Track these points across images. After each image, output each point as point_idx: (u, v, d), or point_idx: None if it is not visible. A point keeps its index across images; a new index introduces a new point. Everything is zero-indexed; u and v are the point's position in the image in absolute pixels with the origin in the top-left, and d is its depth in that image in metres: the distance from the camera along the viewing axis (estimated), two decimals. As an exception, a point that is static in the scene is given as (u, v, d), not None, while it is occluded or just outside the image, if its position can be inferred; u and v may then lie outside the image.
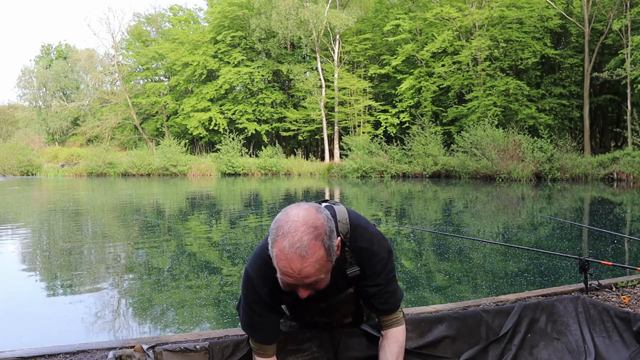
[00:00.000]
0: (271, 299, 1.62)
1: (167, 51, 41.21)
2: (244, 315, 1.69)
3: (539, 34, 30.38)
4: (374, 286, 1.68)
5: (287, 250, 1.39)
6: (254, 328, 1.67)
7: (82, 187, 23.47)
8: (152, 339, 2.42)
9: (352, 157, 30.50)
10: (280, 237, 1.41)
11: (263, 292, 1.60)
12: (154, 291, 5.02)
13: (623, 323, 1.97)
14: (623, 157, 23.29)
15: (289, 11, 34.93)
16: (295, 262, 1.39)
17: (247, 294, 1.64)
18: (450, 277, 5.38)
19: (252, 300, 1.63)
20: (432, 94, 32.57)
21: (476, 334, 1.98)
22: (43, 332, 3.82)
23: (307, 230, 1.40)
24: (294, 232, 1.39)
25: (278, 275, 1.45)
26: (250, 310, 1.64)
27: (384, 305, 1.71)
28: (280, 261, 1.41)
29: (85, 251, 7.25)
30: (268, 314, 1.65)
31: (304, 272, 1.40)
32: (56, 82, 56.79)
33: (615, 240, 7.44)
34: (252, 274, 1.62)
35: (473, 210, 12.69)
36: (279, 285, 1.54)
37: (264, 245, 1.60)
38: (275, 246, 1.42)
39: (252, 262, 1.64)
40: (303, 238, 1.39)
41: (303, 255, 1.38)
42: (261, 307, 1.63)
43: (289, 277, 1.42)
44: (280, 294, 1.61)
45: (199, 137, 41.45)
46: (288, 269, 1.40)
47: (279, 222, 1.44)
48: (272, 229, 1.45)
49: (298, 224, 1.41)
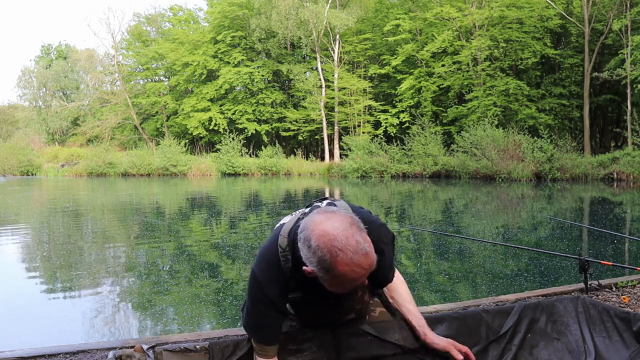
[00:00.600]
0: (278, 299, 1.63)
1: (167, 51, 41.22)
2: (248, 316, 1.68)
3: (539, 34, 30.38)
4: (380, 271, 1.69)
5: (355, 259, 1.38)
6: (258, 329, 1.67)
7: (82, 187, 23.47)
8: (152, 339, 2.42)
9: (352, 157, 30.50)
10: (337, 256, 1.38)
11: (271, 292, 1.60)
12: (154, 291, 5.02)
13: (623, 323, 1.97)
14: (623, 157, 23.29)
15: (289, 11, 34.92)
16: (364, 262, 1.40)
17: (253, 295, 1.64)
18: (450, 277, 5.38)
19: (259, 301, 1.63)
20: (432, 94, 32.58)
21: (476, 334, 1.98)
22: (43, 332, 3.82)
23: (352, 230, 1.41)
24: (346, 241, 1.38)
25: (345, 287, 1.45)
26: (257, 310, 1.64)
27: (386, 280, 1.77)
28: (350, 273, 1.40)
29: (85, 251, 7.25)
30: (274, 315, 1.65)
31: (370, 264, 1.42)
32: (56, 82, 56.79)
33: (615, 240, 7.44)
34: (259, 275, 1.61)
35: (473, 210, 12.69)
36: (286, 285, 1.56)
37: (269, 247, 1.62)
38: (335, 268, 1.39)
39: (258, 263, 1.64)
40: (357, 238, 1.40)
41: (366, 253, 1.40)
42: (267, 307, 1.63)
43: (362, 277, 1.43)
44: (287, 293, 1.62)
45: (199, 137, 41.45)
46: (360, 272, 1.40)
47: (322, 246, 1.39)
48: (318, 258, 1.40)
49: (343, 231, 1.40)
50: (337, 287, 1.47)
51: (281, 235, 1.61)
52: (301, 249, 1.45)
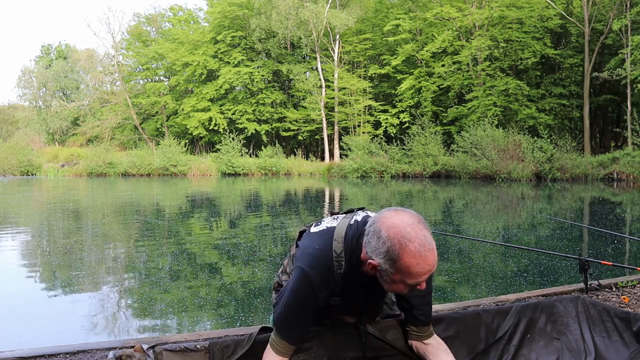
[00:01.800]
0: (324, 302, 1.64)
1: (167, 51, 41.22)
2: (287, 313, 1.65)
3: (539, 34, 30.38)
4: (418, 297, 1.73)
5: (422, 252, 1.44)
6: (292, 327, 1.65)
7: (82, 187, 23.47)
8: (152, 338, 2.42)
9: (352, 157, 30.50)
10: (406, 247, 1.45)
11: (322, 295, 1.61)
12: (154, 291, 5.02)
13: (623, 323, 1.97)
14: (623, 157, 23.29)
15: (289, 11, 34.92)
16: (430, 257, 1.46)
17: (302, 294, 1.61)
18: (450, 277, 5.38)
19: (306, 301, 1.62)
20: (432, 94, 32.57)
21: (476, 334, 1.98)
22: (43, 332, 3.82)
23: (420, 226, 1.48)
24: (416, 234, 1.46)
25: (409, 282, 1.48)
26: (299, 310, 1.63)
27: (424, 316, 1.76)
28: (416, 266, 1.45)
29: (86, 251, 7.25)
30: (311, 317, 1.66)
31: (435, 261, 1.48)
32: (56, 82, 56.79)
33: (615, 240, 7.44)
34: (314, 276, 1.59)
35: (473, 210, 12.69)
36: (333, 290, 1.62)
37: (323, 249, 1.62)
38: (403, 258, 1.45)
39: (313, 265, 1.61)
40: (425, 234, 1.47)
41: (432, 247, 1.47)
42: (310, 308, 1.63)
43: (426, 274, 1.48)
44: (330, 297, 1.65)
45: (199, 137, 41.45)
46: (425, 267, 1.46)
47: (392, 236, 1.46)
48: (387, 248, 1.47)
49: (413, 226, 1.47)
50: (397, 283, 1.51)
51: (335, 240, 1.63)
52: (369, 242, 1.51)
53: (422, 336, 1.79)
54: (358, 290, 1.66)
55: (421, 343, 1.79)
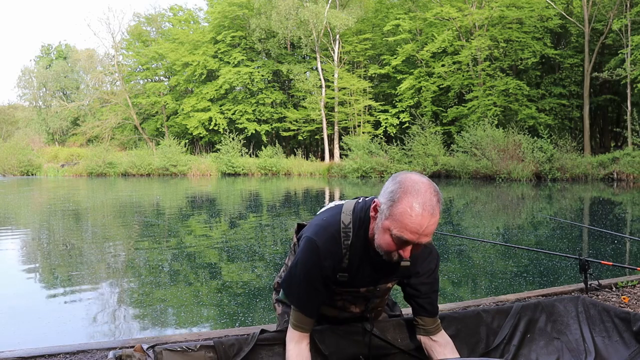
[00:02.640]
0: (331, 272, 1.62)
1: (167, 51, 41.22)
2: (295, 284, 1.66)
3: (539, 34, 30.38)
4: (426, 284, 1.72)
5: (418, 208, 1.43)
6: (306, 300, 1.65)
7: (82, 187, 23.47)
8: (152, 338, 2.42)
9: (352, 157, 30.50)
10: (410, 194, 1.44)
11: (328, 264, 1.60)
12: (154, 291, 5.02)
13: (623, 323, 1.97)
14: (623, 157, 23.29)
15: (289, 11, 34.92)
16: (426, 219, 1.43)
17: (308, 264, 1.61)
18: (450, 277, 5.38)
19: (313, 270, 1.61)
20: (432, 94, 32.57)
21: (476, 334, 1.98)
22: (43, 332, 3.82)
23: (434, 193, 1.47)
24: (424, 192, 1.45)
25: (395, 232, 1.45)
26: (307, 279, 1.62)
27: (431, 306, 1.75)
28: (407, 217, 1.43)
29: (86, 251, 7.25)
30: (321, 287, 1.64)
31: (428, 229, 1.45)
32: (56, 82, 56.79)
33: (615, 240, 7.44)
34: (320, 245, 1.59)
35: (473, 210, 12.69)
36: (340, 262, 1.60)
37: (330, 220, 1.63)
38: (402, 202, 1.44)
39: (320, 234, 1.62)
40: (433, 198, 1.46)
41: (432, 214, 1.44)
42: (319, 279, 1.62)
43: (412, 233, 1.44)
44: (338, 271, 1.63)
45: (199, 137, 41.46)
46: (417, 225, 1.43)
47: (404, 183, 1.47)
48: (393, 189, 1.48)
49: (427, 186, 1.47)
50: (385, 233, 1.48)
51: (344, 212, 1.64)
52: (386, 185, 1.53)
53: (429, 330, 1.76)
54: (365, 267, 1.65)
55: (429, 339, 1.76)
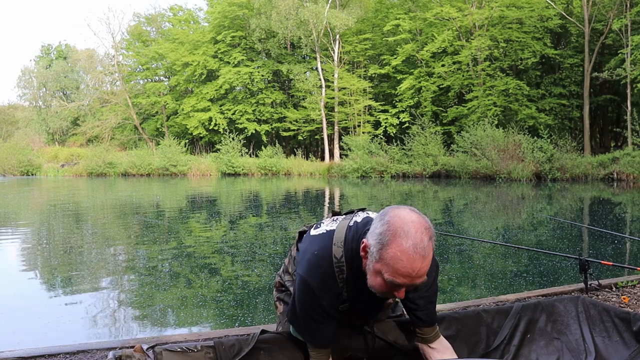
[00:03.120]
0: (331, 308, 1.61)
1: (167, 51, 41.22)
2: (302, 324, 1.66)
3: (539, 34, 30.38)
4: (424, 298, 1.71)
5: (411, 251, 1.38)
6: (315, 335, 1.66)
7: (82, 187, 23.47)
8: (152, 339, 2.42)
9: (352, 157, 30.50)
10: (399, 237, 1.39)
11: (326, 303, 1.58)
12: (154, 291, 5.02)
13: (623, 323, 1.97)
14: (623, 157, 23.29)
15: (289, 11, 34.92)
16: (418, 262, 1.39)
17: (307, 305, 1.60)
18: (450, 277, 5.38)
19: (314, 311, 1.60)
20: (432, 94, 32.57)
21: (476, 334, 1.98)
22: (43, 332, 3.82)
23: (425, 232, 1.41)
24: (415, 233, 1.39)
25: (387, 277, 1.41)
26: (311, 320, 1.62)
27: (428, 317, 1.73)
28: (399, 262, 1.39)
29: (85, 251, 7.25)
30: (328, 322, 1.63)
31: (421, 272, 1.41)
32: (56, 82, 56.78)
33: (615, 240, 7.44)
34: (314, 286, 1.57)
35: (473, 210, 12.69)
36: (339, 297, 1.58)
37: (321, 255, 1.59)
38: (392, 246, 1.40)
39: (312, 273, 1.58)
40: (424, 239, 1.40)
41: (424, 256, 1.39)
42: (322, 316, 1.61)
43: (406, 277, 1.40)
44: (339, 305, 1.62)
45: (199, 137, 41.46)
46: (409, 269, 1.39)
47: (392, 223, 1.42)
48: (382, 231, 1.42)
49: (417, 225, 1.41)
50: (377, 276, 1.44)
51: (335, 245, 1.59)
52: (373, 222, 1.48)
53: (427, 339, 1.75)
54: (365, 296, 1.62)
55: (427, 347, 1.75)
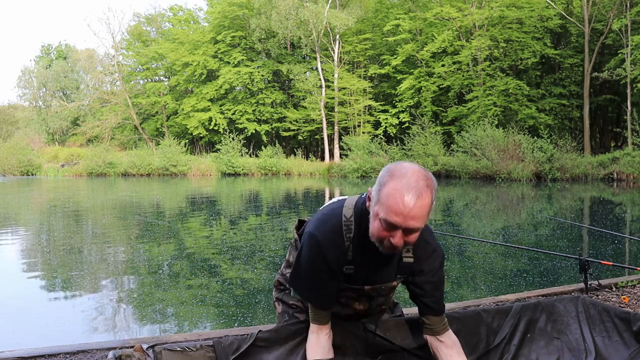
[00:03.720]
0: (336, 265, 1.63)
1: (167, 51, 41.22)
2: (303, 280, 1.68)
3: (539, 34, 30.38)
4: (430, 283, 1.72)
5: (404, 189, 1.43)
6: (315, 293, 1.68)
7: (82, 188, 23.47)
8: (151, 339, 2.43)
9: (352, 157, 30.50)
10: (396, 177, 1.46)
11: (330, 256, 1.61)
12: (154, 291, 5.02)
13: (623, 323, 1.97)
14: (623, 157, 23.29)
15: (289, 11, 34.92)
16: (410, 200, 1.42)
17: (312, 258, 1.63)
18: (450, 278, 5.38)
19: (317, 264, 1.63)
20: (432, 94, 32.57)
21: (476, 334, 1.98)
22: (43, 332, 3.82)
23: (423, 177, 1.46)
24: (411, 175, 1.45)
25: (381, 216, 1.46)
26: (313, 274, 1.64)
27: (436, 304, 1.73)
28: (392, 199, 1.44)
29: (85, 251, 7.26)
30: (330, 280, 1.65)
31: (413, 212, 1.43)
32: (56, 82, 56.78)
33: (615, 240, 7.44)
34: (321, 238, 1.61)
35: (473, 210, 12.69)
36: (344, 255, 1.61)
37: (332, 214, 1.66)
38: (388, 185, 1.46)
39: (320, 227, 1.64)
40: (420, 181, 1.45)
41: (418, 195, 1.43)
42: (325, 272, 1.63)
43: (398, 215, 1.44)
44: (344, 264, 1.64)
45: (199, 137, 41.46)
46: (400, 206, 1.43)
47: (392, 169, 1.50)
48: (383, 175, 1.50)
49: (415, 170, 1.47)
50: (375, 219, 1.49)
51: (345, 206, 1.66)
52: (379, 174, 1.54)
53: (436, 330, 1.74)
54: (369, 261, 1.65)
55: (435, 339, 1.75)
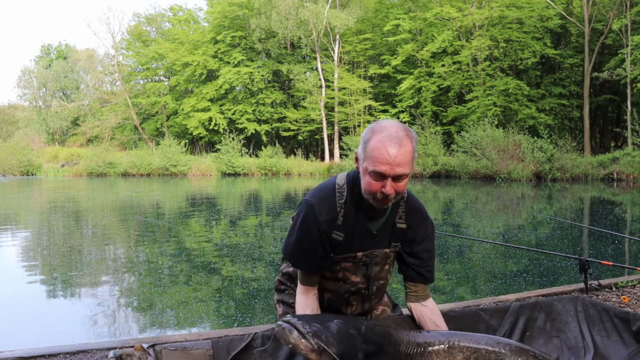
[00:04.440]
0: (327, 227, 1.69)
1: (167, 51, 41.21)
2: (293, 243, 1.75)
3: (539, 34, 30.38)
4: (427, 251, 1.81)
5: (386, 140, 1.55)
6: (302, 256, 1.75)
7: (82, 187, 23.47)
8: (152, 338, 2.43)
9: (352, 157, 30.44)
10: (377, 131, 1.58)
11: (322, 219, 1.68)
12: (154, 291, 5.02)
13: (622, 323, 1.98)
14: (623, 157, 23.28)
15: (289, 11, 34.92)
16: (394, 148, 1.54)
17: (305, 221, 1.71)
18: (450, 278, 5.38)
19: (310, 228, 1.70)
20: (432, 94, 32.57)
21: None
22: (43, 332, 3.82)
23: (402, 128, 1.59)
24: (390, 127, 1.58)
25: (370, 168, 1.56)
26: (304, 236, 1.71)
27: (430, 273, 1.83)
28: (377, 150, 1.55)
29: (85, 251, 7.26)
30: (319, 245, 1.71)
31: (398, 159, 1.54)
32: (56, 82, 56.76)
33: (615, 240, 7.44)
34: (314, 202, 1.71)
35: (473, 210, 12.69)
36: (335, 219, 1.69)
37: (326, 183, 1.77)
38: (371, 139, 1.58)
39: (314, 194, 1.75)
40: (399, 132, 1.57)
41: (400, 144, 1.55)
42: (316, 236, 1.70)
43: (384, 164, 1.54)
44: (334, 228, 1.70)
45: (199, 137, 41.45)
46: (386, 155, 1.54)
47: (373, 126, 1.62)
48: (365, 133, 1.62)
49: (394, 124, 1.61)
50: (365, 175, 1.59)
51: (339, 177, 1.77)
52: (362, 134, 1.65)
53: (420, 296, 1.82)
54: (360, 226, 1.72)
55: (419, 304, 1.83)
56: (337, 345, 1.49)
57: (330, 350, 1.47)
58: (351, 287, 1.81)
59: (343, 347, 1.50)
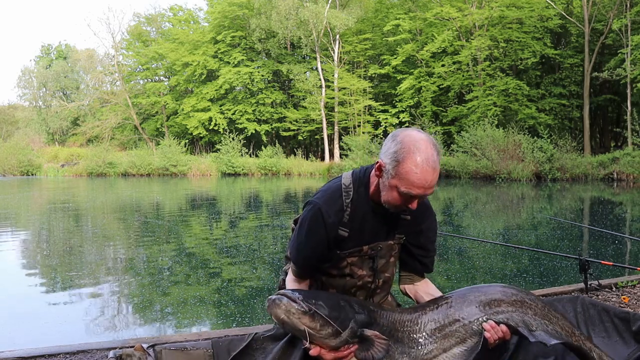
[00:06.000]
0: (334, 231, 1.71)
1: (167, 51, 41.21)
2: (304, 245, 1.76)
3: (539, 34, 30.38)
4: (430, 242, 1.86)
5: (423, 164, 1.56)
6: (304, 254, 1.77)
7: (82, 188, 23.47)
8: (151, 338, 2.43)
9: (352, 157, 30.50)
10: (412, 152, 1.56)
11: (331, 220, 1.70)
12: (154, 291, 5.02)
13: (622, 323, 1.97)
14: (623, 157, 23.28)
15: (289, 11, 34.92)
16: (429, 174, 1.57)
17: (314, 223, 1.72)
18: (450, 278, 5.38)
19: (319, 231, 1.71)
20: (432, 94, 32.57)
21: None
22: (43, 332, 3.82)
23: (434, 148, 1.60)
24: (425, 149, 1.57)
25: (403, 190, 1.57)
26: (313, 240, 1.73)
27: (432, 263, 1.89)
28: (413, 175, 1.56)
29: (86, 251, 7.26)
30: (326, 249, 1.73)
31: (432, 183, 1.58)
32: (56, 82, 56.74)
33: (615, 240, 7.44)
34: (322, 204, 1.72)
35: (473, 210, 12.69)
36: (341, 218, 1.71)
37: (332, 184, 1.79)
38: (406, 160, 1.57)
39: (321, 196, 1.75)
40: (433, 154, 1.58)
41: (434, 168, 1.58)
42: (324, 239, 1.71)
43: (420, 188, 1.57)
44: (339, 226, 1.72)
45: (199, 137, 41.45)
46: (422, 181, 1.56)
47: (405, 142, 1.59)
48: (396, 150, 1.59)
49: (426, 142, 1.59)
50: (392, 190, 1.61)
51: (344, 177, 1.79)
52: (384, 145, 1.65)
53: (414, 280, 1.90)
54: (367, 222, 1.74)
55: (411, 285, 1.90)
56: (329, 310, 1.50)
57: (321, 312, 1.47)
58: (358, 281, 1.83)
59: (335, 312, 1.51)
